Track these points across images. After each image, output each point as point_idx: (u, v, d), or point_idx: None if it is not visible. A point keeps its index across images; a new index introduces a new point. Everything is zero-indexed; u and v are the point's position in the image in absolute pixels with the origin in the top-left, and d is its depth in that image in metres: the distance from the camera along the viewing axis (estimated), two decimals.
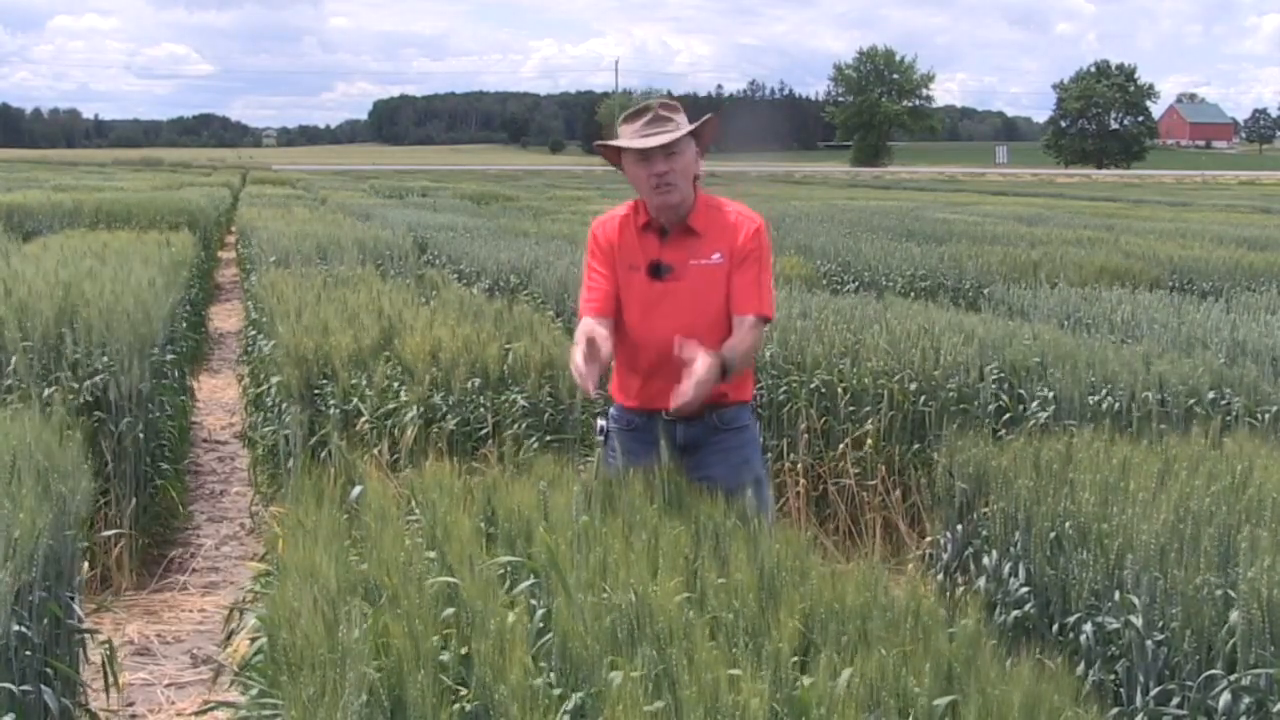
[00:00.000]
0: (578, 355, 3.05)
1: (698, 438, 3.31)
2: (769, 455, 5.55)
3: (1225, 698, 2.68)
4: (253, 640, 2.53)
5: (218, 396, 9.02)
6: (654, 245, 3.29)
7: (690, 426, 3.30)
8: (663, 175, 3.20)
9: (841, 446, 5.54)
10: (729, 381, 3.16)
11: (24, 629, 2.82)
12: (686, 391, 2.99)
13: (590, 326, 3.17)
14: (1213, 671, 2.73)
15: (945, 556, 4.02)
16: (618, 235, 3.34)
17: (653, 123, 3.21)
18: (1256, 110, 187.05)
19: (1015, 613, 3.43)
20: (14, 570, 2.69)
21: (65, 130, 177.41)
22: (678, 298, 3.25)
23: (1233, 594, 2.76)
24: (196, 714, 3.88)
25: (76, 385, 5.12)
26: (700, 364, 3.00)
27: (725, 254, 3.27)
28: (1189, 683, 2.79)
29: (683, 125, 3.24)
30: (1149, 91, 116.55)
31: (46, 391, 4.91)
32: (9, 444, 3.27)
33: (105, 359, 5.25)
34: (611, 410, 3.47)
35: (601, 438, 3.46)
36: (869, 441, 5.50)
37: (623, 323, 3.34)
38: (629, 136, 3.24)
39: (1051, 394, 5.26)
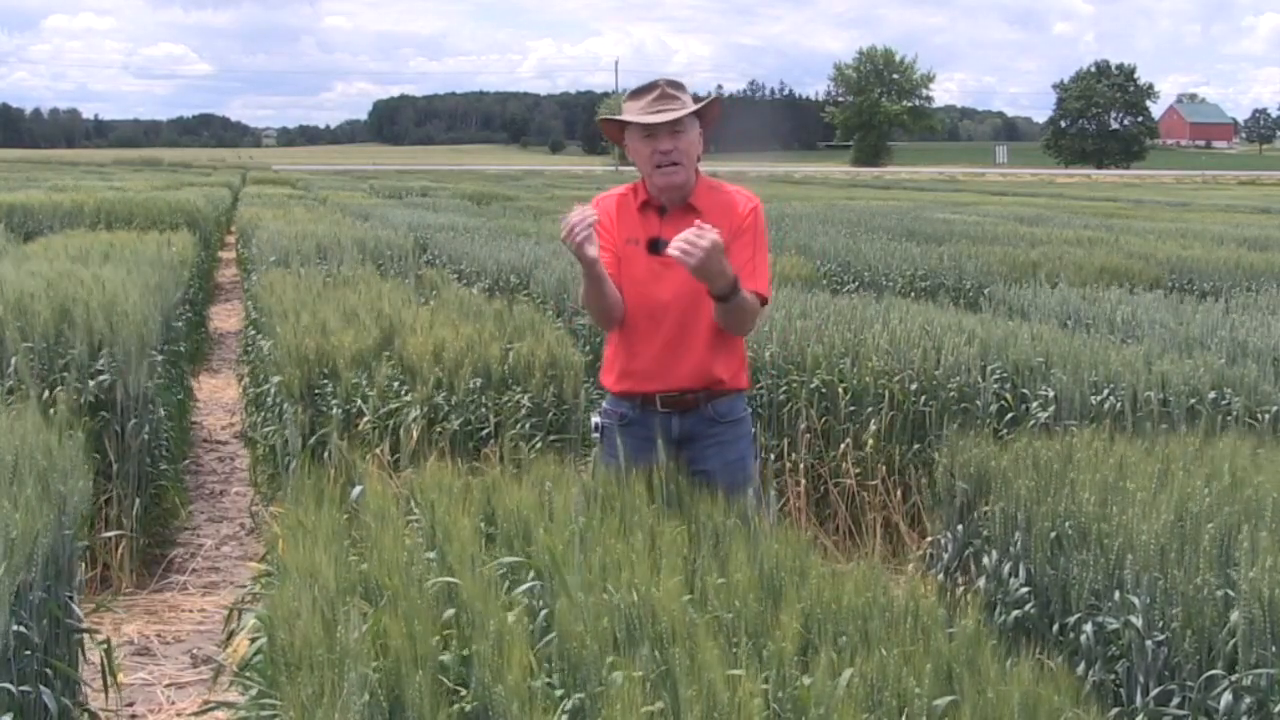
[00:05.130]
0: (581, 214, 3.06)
1: (693, 431, 3.31)
2: (770, 456, 5.55)
3: (1226, 698, 2.67)
4: (252, 640, 2.53)
5: (218, 396, 9.02)
6: (654, 223, 3.30)
7: (686, 419, 3.30)
8: (667, 153, 3.22)
9: (842, 446, 5.54)
10: (728, 309, 3.12)
11: (24, 629, 2.82)
12: (692, 235, 2.95)
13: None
14: (1213, 672, 2.72)
15: (945, 557, 4.01)
16: (615, 211, 3.35)
17: (659, 100, 3.23)
18: (1256, 110, 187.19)
19: (1015, 613, 3.43)
20: (13, 570, 2.68)
21: (65, 130, 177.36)
22: (676, 272, 3.25)
23: (1233, 594, 2.76)
24: (196, 714, 3.88)
25: (80, 385, 5.12)
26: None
27: (723, 231, 3.27)
28: (1189, 683, 2.79)
29: (688, 104, 3.25)
30: (1149, 91, 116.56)
31: (49, 392, 4.91)
32: (10, 444, 3.27)
33: (108, 359, 5.24)
34: (605, 404, 3.47)
35: (597, 434, 3.45)
36: (869, 441, 5.50)
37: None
38: (634, 113, 3.26)
39: (1053, 394, 5.26)
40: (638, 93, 3.29)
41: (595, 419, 3.47)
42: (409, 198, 23.88)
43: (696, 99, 3.34)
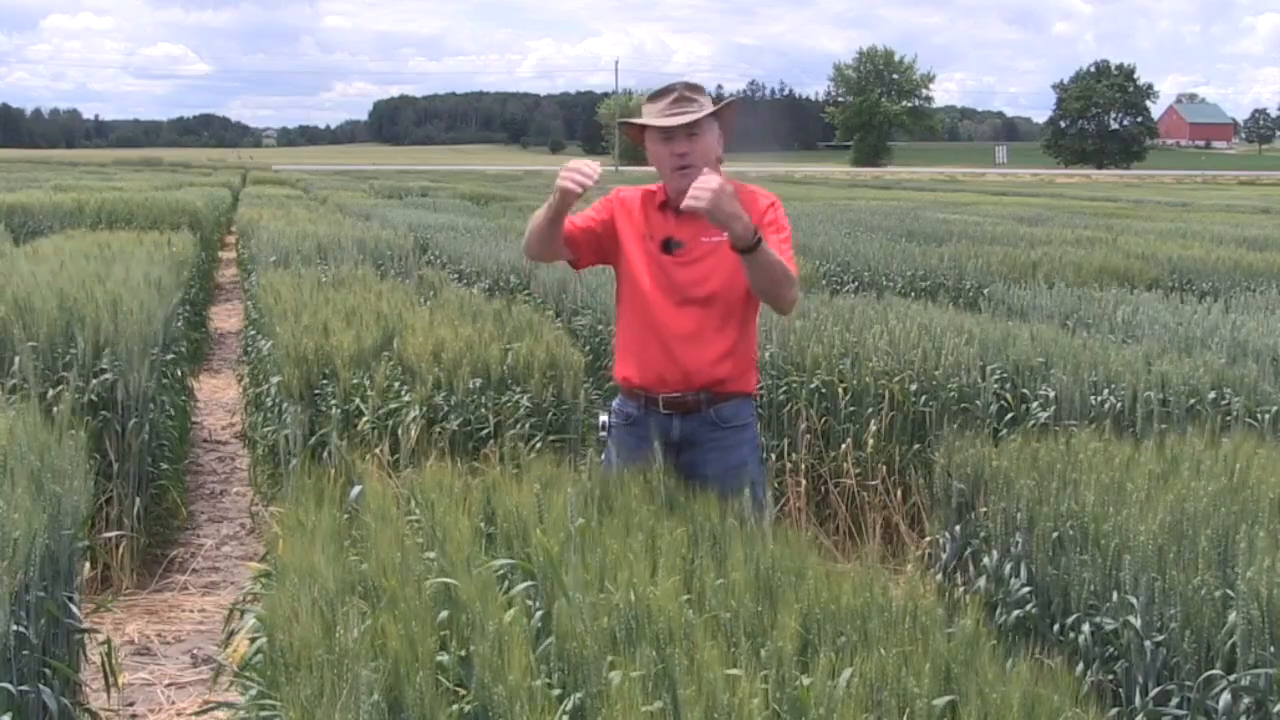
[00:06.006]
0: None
1: (694, 434, 3.31)
2: (770, 456, 5.55)
3: (1225, 698, 2.68)
4: (252, 640, 2.53)
5: (218, 396, 9.02)
6: (670, 222, 3.33)
7: (687, 421, 3.30)
8: (684, 155, 3.25)
9: (843, 447, 5.54)
10: (756, 265, 3.08)
11: (22, 629, 2.82)
12: (699, 180, 2.97)
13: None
14: (1212, 672, 2.73)
15: (944, 557, 4.02)
16: (635, 205, 3.40)
17: (677, 103, 3.26)
18: (1256, 110, 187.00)
19: (1016, 613, 3.43)
20: (11, 570, 2.69)
21: (65, 130, 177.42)
22: (688, 273, 3.29)
23: (1231, 594, 2.76)
24: (196, 714, 3.88)
25: (82, 385, 5.12)
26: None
27: None
28: (1188, 683, 2.79)
29: (706, 107, 3.28)
30: (1148, 91, 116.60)
31: (52, 391, 4.91)
32: (10, 444, 3.27)
33: (110, 359, 5.25)
34: (614, 403, 3.48)
35: (605, 433, 3.47)
36: (870, 442, 5.50)
37: (631, 295, 3.37)
38: (653, 116, 3.29)
39: (1053, 394, 5.26)
40: (656, 96, 3.32)
41: (603, 417, 3.49)
42: (409, 198, 23.86)
43: (716, 100, 3.36)
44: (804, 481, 5.58)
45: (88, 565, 4.20)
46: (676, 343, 3.28)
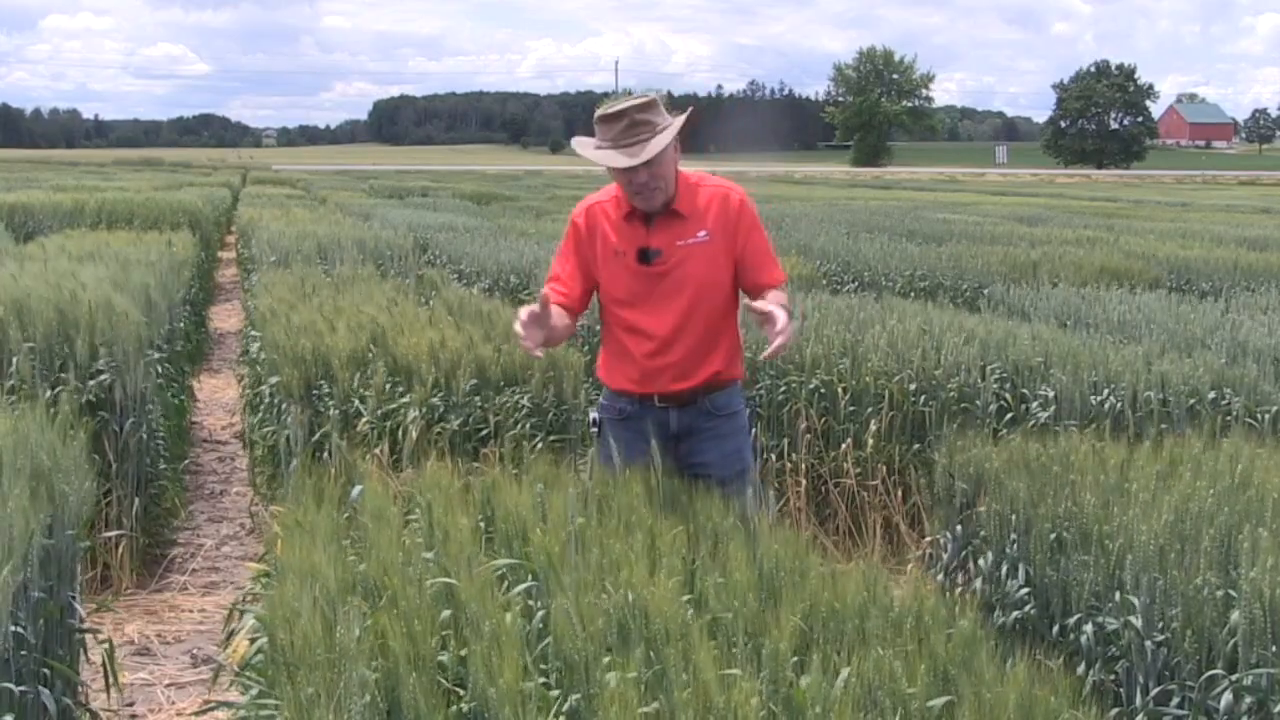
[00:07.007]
0: (521, 313, 3.05)
1: (691, 424, 3.32)
2: (770, 456, 5.55)
3: (1226, 698, 2.67)
4: (252, 640, 2.53)
5: (218, 396, 9.02)
6: (640, 232, 3.29)
7: (684, 413, 3.31)
8: (644, 184, 3.20)
9: (843, 446, 5.54)
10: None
11: (22, 629, 2.82)
12: (783, 342, 3.02)
13: (545, 292, 3.19)
14: (1214, 671, 2.72)
15: (945, 557, 4.01)
16: (600, 224, 3.34)
17: (628, 130, 3.15)
18: (1256, 110, 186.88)
19: (1015, 614, 3.43)
20: (11, 570, 2.68)
21: (65, 130, 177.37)
22: (669, 280, 3.27)
23: (1233, 594, 2.76)
24: (196, 714, 3.88)
25: (81, 385, 5.12)
26: (781, 316, 3.04)
27: (712, 230, 3.27)
28: (1189, 683, 2.79)
29: (659, 124, 3.17)
30: (1148, 91, 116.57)
31: (50, 392, 4.91)
32: (11, 443, 3.26)
33: (108, 359, 5.24)
34: (602, 399, 3.47)
35: (595, 429, 3.46)
36: (870, 442, 5.50)
37: (614, 309, 3.35)
38: (603, 140, 3.19)
39: (1053, 394, 5.26)
40: (607, 119, 3.18)
41: (593, 414, 3.48)
42: (409, 198, 23.84)
43: (670, 103, 3.27)
44: (804, 481, 5.58)
45: (86, 565, 4.20)
46: (666, 349, 3.28)
